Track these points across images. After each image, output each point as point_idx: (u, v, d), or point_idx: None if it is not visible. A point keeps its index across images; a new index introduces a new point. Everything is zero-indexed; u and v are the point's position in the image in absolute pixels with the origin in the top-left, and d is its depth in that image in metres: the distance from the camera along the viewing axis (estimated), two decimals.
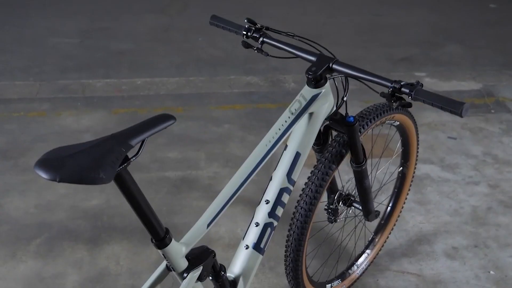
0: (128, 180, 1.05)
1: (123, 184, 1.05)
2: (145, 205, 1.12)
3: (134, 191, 1.08)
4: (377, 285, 2.15)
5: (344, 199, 1.92)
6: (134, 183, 1.08)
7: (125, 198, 1.09)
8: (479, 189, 2.72)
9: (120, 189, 1.06)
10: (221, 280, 1.38)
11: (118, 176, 1.03)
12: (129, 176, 1.05)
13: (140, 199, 1.10)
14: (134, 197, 1.09)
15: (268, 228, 1.48)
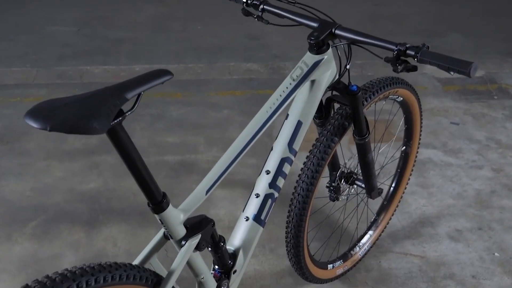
0: (123, 136, 1.01)
1: (118, 140, 1.01)
2: (142, 166, 1.08)
3: (130, 149, 1.03)
4: (379, 266, 2.11)
5: (346, 177, 1.88)
6: (130, 141, 1.03)
7: (121, 157, 1.05)
8: (483, 173, 2.68)
9: (115, 145, 1.02)
10: (220, 251, 1.34)
11: (113, 131, 0.99)
12: (124, 133, 1.01)
13: (136, 158, 1.05)
14: (129, 155, 1.04)
15: (268, 199, 1.44)
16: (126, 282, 1.10)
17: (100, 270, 1.06)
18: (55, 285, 0.98)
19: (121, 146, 1.02)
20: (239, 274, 1.42)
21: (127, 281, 1.11)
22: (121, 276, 1.09)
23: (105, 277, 1.06)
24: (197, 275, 1.32)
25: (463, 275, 2.08)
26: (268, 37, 4.16)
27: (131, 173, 1.08)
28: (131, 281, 1.12)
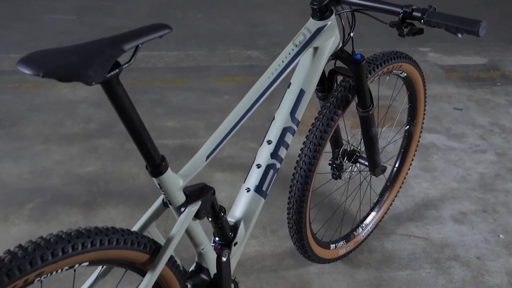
0: (120, 90, 0.97)
1: (114, 94, 0.97)
2: (140, 125, 1.04)
3: (126, 105, 1.00)
4: (382, 248, 2.07)
5: (349, 155, 1.84)
6: (127, 96, 1.00)
7: (118, 114, 1.01)
8: (487, 157, 2.64)
9: (111, 99, 0.98)
10: (220, 222, 1.30)
11: (109, 84, 0.95)
12: (121, 87, 0.97)
13: (133, 116, 1.02)
14: (126, 111, 1.00)
15: (270, 170, 1.40)
16: (123, 247, 1.07)
17: (96, 233, 1.03)
18: (49, 245, 0.95)
19: (117, 101, 0.98)
20: (240, 247, 1.38)
21: (125, 245, 1.07)
22: (118, 241, 1.05)
23: (101, 240, 1.02)
24: (196, 245, 1.28)
25: (467, 256, 2.04)
26: (269, 25, 4.13)
27: (128, 131, 1.05)
28: (128, 246, 1.08)
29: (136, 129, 1.03)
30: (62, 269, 0.98)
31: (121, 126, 1.05)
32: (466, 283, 1.92)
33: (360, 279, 1.93)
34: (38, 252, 0.93)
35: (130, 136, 1.06)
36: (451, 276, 1.95)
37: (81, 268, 1.06)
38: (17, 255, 0.91)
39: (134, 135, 1.04)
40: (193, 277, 1.33)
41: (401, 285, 1.91)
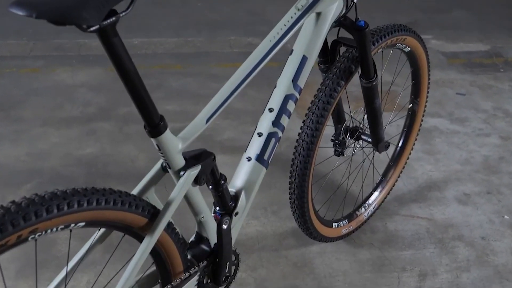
0: (116, 41, 0.94)
1: (111, 45, 0.94)
2: (138, 81, 1.01)
3: (123, 57, 0.97)
4: (385, 228, 2.04)
5: (351, 131, 1.81)
6: (124, 48, 0.97)
7: (115, 68, 0.98)
8: (490, 140, 2.61)
9: (108, 51, 0.95)
10: (221, 190, 1.27)
11: (105, 33, 0.91)
12: (118, 38, 0.94)
13: (130, 69, 0.99)
14: (124, 64, 0.97)
15: (272, 138, 1.37)
16: (121, 208, 1.04)
17: (93, 193, 1.00)
18: (44, 201, 0.92)
19: (114, 52, 0.95)
20: (241, 217, 1.35)
21: (122, 207, 1.04)
22: (115, 201, 1.02)
23: (98, 200, 0.99)
24: (196, 213, 1.25)
25: (472, 236, 2.01)
26: (269, 13, 4.08)
27: (126, 87, 1.02)
28: (126, 208, 1.05)
29: (134, 84, 1.00)
30: (57, 228, 0.95)
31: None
32: (470, 262, 1.89)
33: (362, 258, 1.90)
34: (32, 207, 0.90)
35: (128, 92, 1.02)
36: (455, 256, 1.92)
37: (77, 230, 1.03)
38: (10, 210, 0.88)
39: (131, 91, 1.01)
40: (193, 248, 1.30)
41: (405, 265, 1.87)
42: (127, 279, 1.07)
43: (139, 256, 1.09)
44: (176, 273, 1.23)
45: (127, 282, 1.08)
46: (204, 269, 1.27)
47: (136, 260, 1.09)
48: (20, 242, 0.90)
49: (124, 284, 1.07)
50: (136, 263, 1.09)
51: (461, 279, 1.82)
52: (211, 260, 1.28)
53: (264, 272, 1.83)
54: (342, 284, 1.79)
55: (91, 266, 1.75)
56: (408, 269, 1.86)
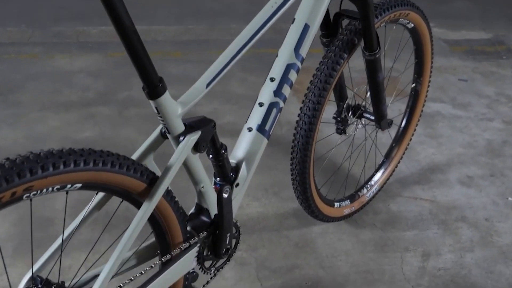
0: None
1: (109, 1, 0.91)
2: (137, 40, 0.98)
3: (122, 13, 0.94)
4: (388, 209, 2.02)
5: (354, 109, 1.79)
6: (122, 4, 0.94)
7: (114, 26, 0.96)
8: (493, 124, 2.58)
9: (105, 5, 0.93)
10: (221, 160, 1.24)
11: None
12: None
13: (128, 27, 0.96)
14: (122, 21, 0.95)
15: (273, 108, 1.34)
16: (118, 171, 1.01)
17: (90, 153, 0.97)
18: (39, 159, 0.89)
19: (112, 7, 0.92)
20: (242, 188, 1.32)
21: (120, 170, 1.01)
22: (113, 163, 1.00)
23: (95, 161, 0.96)
24: (196, 183, 1.22)
25: (475, 218, 1.98)
26: None
27: (124, 46, 0.99)
28: (124, 171, 1.02)
29: (132, 43, 0.97)
30: (53, 188, 0.92)
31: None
32: (474, 243, 1.87)
33: (365, 239, 1.87)
34: (27, 164, 0.87)
35: (126, 51, 1.00)
36: (458, 237, 1.89)
37: (74, 192, 1.01)
38: (4, 166, 0.85)
39: (130, 50, 0.98)
40: (193, 219, 1.27)
41: (408, 245, 1.85)
42: (124, 245, 1.05)
43: (137, 222, 1.06)
44: (176, 244, 1.20)
45: (124, 249, 1.05)
46: (204, 240, 1.24)
47: (134, 226, 1.06)
48: (14, 200, 0.87)
49: (121, 251, 1.04)
50: (134, 230, 1.06)
51: (465, 259, 1.79)
52: (211, 231, 1.25)
53: (265, 252, 1.80)
54: (345, 263, 1.77)
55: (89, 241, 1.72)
56: (411, 249, 1.83)
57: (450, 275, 1.73)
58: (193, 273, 1.35)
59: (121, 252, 1.04)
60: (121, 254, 1.05)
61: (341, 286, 1.68)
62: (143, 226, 1.08)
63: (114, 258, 1.04)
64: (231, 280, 1.69)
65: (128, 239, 1.05)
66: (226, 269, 1.72)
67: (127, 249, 1.06)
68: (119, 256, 1.04)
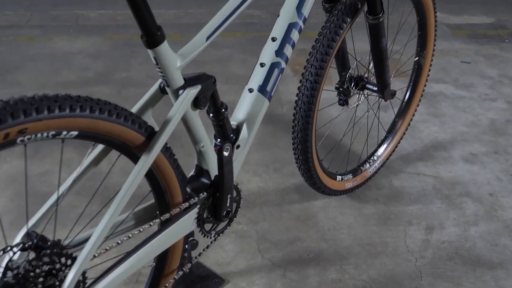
0: None
1: None
2: None
3: None
4: (390, 185, 1.99)
5: (356, 80, 1.75)
6: None
7: None
8: (497, 104, 2.55)
9: None
10: (222, 119, 1.21)
11: None
12: None
13: None
14: None
15: (275, 68, 1.31)
16: (116, 120, 0.98)
17: (86, 100, 0.94)
18: (33, 101, 0.86)
19: None
20: (243, 150, 1.29)
21: (118, 119, 0.98)
22: (110, 112, 0.97)
23: (92, 107, 0.93)
24: (196, 141, 1.20)
25: (480, 193, 1.95)
26: None
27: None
28: (121, 121, 0.99)
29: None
30: (48, 134, 0.89)
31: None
32: (478, 217, 1.84)
33: (368, 213, 1.84)
34: (21, 105, 0.84)
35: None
36: (463, 211, 1.86)
37: (70, 141, 0.98)
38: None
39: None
40: (193, 182, 1.24)
41: (411, 219, 1.82)
42: (120, 201, 1.02)
43: (134, 176, 1.03)
44: (175, 204, 1.17)
45: (120, 205, 1.02)
46: (204, 201, 1.21)
47: (131, 180, 1.03)
48: (8, 142, 0.84)
49: (117, 207, 1.01)
50: (131, 184, 1.03)
51: (469, 233, 1.77)
52: (211, 192, 1.22)
53: (266, 225, 1.77)
54: (347, 236, 1.74)
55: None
56: (415, 222, 1.80)
57: (455, 248, 1.70)
58: (193, 240, 1.33)
59: (117, 208, 1.01)
60: (117, 210, 1.02)
61: (344, 258, 1.65)
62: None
63: (109, 214, 1.01)
64: (232, 252, 1.66)
65: (125, 195, 1.02)
66: (226, 241, 1.70)
67: (123, 205, 1.03)
68: (114, 212, 1.01)
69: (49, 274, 0.96)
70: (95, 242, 0.98)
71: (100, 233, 0.99)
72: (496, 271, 1.62)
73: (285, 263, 1.63)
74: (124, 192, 1.02)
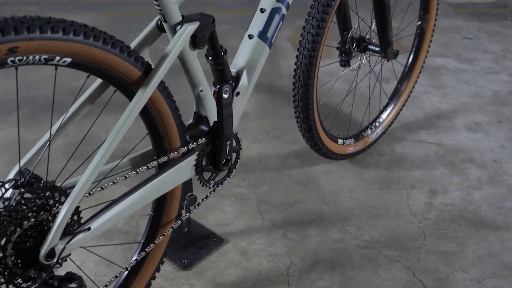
0: None
1: None
2: None
3: None
4: (392, 151, 1.95)
5: (358, 41, 1.72)
6: None
7: None
8: (500, 77, 2.52)
9: None
10: (221, 63, 1.19)
11: None
12: None
13: None
14: None
15: (275, 14, 1.27)
16: (111, 50, 0.95)
17: (81, 25, 0.90)
18: (25, 20, 0.82)
19: None
20: (243, 98, 1.26)
21: (113, 49, 0.95)
22: (105, 40, 0.93)
23: (86, 33, 0.90)
24: (194, 85, 1.16)
25: (483, 159, 1.92)
26: None
27: None
28: (117, 51, 0.96)
29: None
30: (40, 58, 0.86)
31: None
32: (482, 181, 1.80)
33: (369, 177, 1.81)
34: (12, 23, 0.80)
35: None
36: (466, 176, 1.83)
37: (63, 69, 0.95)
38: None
39: None
40: (192, 129, 1.21)
41: (414, 183, 1.79)
42: (114, 139, 0.98)
43: (129, 112, 1.00)
44: (173, 149, 1.13)
45: (116, 139, 0.98)
46: (203, 147, 1.18)
47: (125, 117, 1.00)
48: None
49: (110, 144, 0.98)
50: (126, 120, 0.99)
51: (473, 196, 1.73)
52: (210, 138, 1.18)
53: (266, 188, 1.74)
54: (348, 199, 1.70)
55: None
56: (417, 186, 1.77)
57: (458, 210, 1.67)
58: (191, 195, 1.30)
59: (112, 143, 0.98)
60: (113, 144, 0.98)
61: (346, 219, 1.62)
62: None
63: (104, 148, 0.98)
64: (231, 214, 1.62)
65: (120, 130, 0.99)
66: (225, 203, 1.67)
67: (118, 140, 0.99)
68: (110, 146, 0.98)
69: (42, 209, 0.92)
70: (90, 176, 0.95)
71: (95, 166, 0.95)
72: (501, 232, 1.58)
73: (285, 224, 1.59)
74: (119, 128, 0.99)
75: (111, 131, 1.00)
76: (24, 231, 0.90)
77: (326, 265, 1.45)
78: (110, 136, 0.99)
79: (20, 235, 0.90)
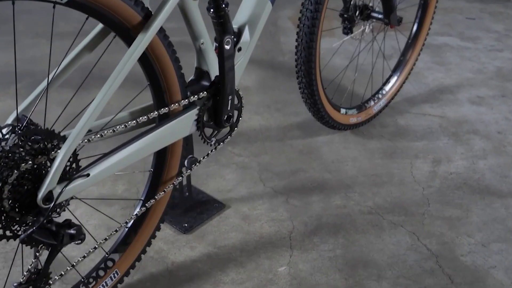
0: None
1: None
2: None
3: None
4: (396, 123, 1.93)
5: (361, 10, 1.70)
6: None
7: None
8: (503, 54, 2.49)
9: None
10: (222, 15, 1.17)
11: None
12: None
13: None
14: None
15: None
16: None
17: None
18: None
19: None
20: (244, 54, 1.23)
21: None
22: None
23: None
24: (195, 38, 1.14)
25: (487, 131, 1.90)
26: None
27: None
28: None
29: None
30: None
31: None
32: (487, 152, 1.78)
33: (372, 147, 1.79)
34: None
35: None
36: (470, 146, 1.81)
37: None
38: None
39: None
40: (193, 85, 1.18)
41: (417, 153, 1.76)
42: (112, 85, 0.97)
43: (129, 56, 0.98)
44: (174, 101, 1.11)
45: (115, 83, 0.97)
46: (204, 102, 1.15)
47: (124, 63, 0.98)
48: None
49: (107, 91, 0.96)
50: (125, 65, 0.98)
51: (477, 165, 1.71)
52: (211, 92, 1.16)
53: (267, 157, 1.72)
54: (351, 168, 1.68)
55: None
56: (421, 156, 1.75)
57: (463, 179, 1.65)
58: (192, 157, 1.27)
59: (111, 87, 0.96)
60: (111, 89, 0.96)
61: (349, 187, 1.60)
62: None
63: (103, 92, 0.96)
64: (233, 181, 1.60)
65: (118, 75, 0.97)
66: (226, 171, 1.65)
67: (117, 85, 0.98)
68: (108, 91, 0.96)
69: (39, 153, 0.90)
70: (88, 120, 0.93)
71: (94, 109, 0.93)
72: (507, 199, 1.56)
73: (287, 191, 1.57)
74: (118, 72, 0.97)
75: (110, 75, 0.97)
76: (21, 174, 0.88)
77: (329, 229, 1.43)
78: (109, 80, 0.97)
79: (18, 178, 0.88)
